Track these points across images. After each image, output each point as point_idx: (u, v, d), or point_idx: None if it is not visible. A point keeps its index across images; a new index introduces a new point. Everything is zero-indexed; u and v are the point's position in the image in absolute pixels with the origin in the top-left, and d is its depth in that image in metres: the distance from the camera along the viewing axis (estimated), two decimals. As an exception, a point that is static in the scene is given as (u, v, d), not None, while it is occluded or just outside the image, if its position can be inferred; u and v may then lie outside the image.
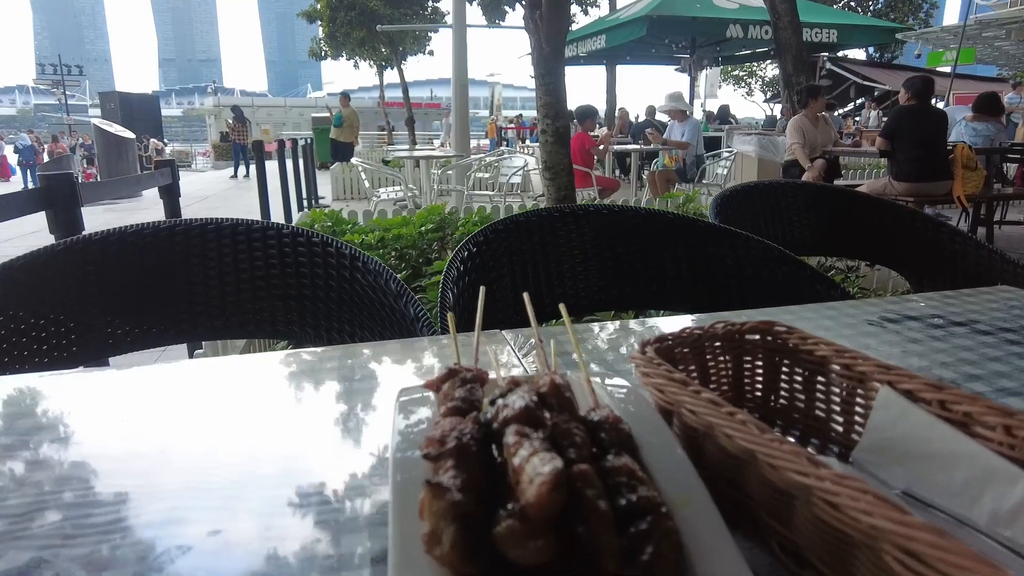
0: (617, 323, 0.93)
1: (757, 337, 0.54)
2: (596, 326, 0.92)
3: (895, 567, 0.29)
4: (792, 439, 0.53)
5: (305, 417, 0.64)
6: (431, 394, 0.49)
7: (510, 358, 0.77)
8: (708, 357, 0.55)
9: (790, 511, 0.37)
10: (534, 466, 0.32)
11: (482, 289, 0.56)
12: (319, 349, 0.84)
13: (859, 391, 0.48)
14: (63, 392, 0.70)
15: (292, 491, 0.50)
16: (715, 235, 1.43)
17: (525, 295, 0.56)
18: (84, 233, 1.15)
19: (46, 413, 0.65)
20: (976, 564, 0.26)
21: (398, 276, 1.22)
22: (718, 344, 0.55)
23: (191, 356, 2.23)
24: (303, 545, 0.44)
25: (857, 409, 0.48)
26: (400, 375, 0.75)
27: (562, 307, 0.54)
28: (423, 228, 4.03)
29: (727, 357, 0.55)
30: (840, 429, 0.50)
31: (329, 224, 4.17)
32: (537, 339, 0.51)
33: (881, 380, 0.46)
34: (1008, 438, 0.39)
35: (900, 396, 0.44)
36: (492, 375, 0.48)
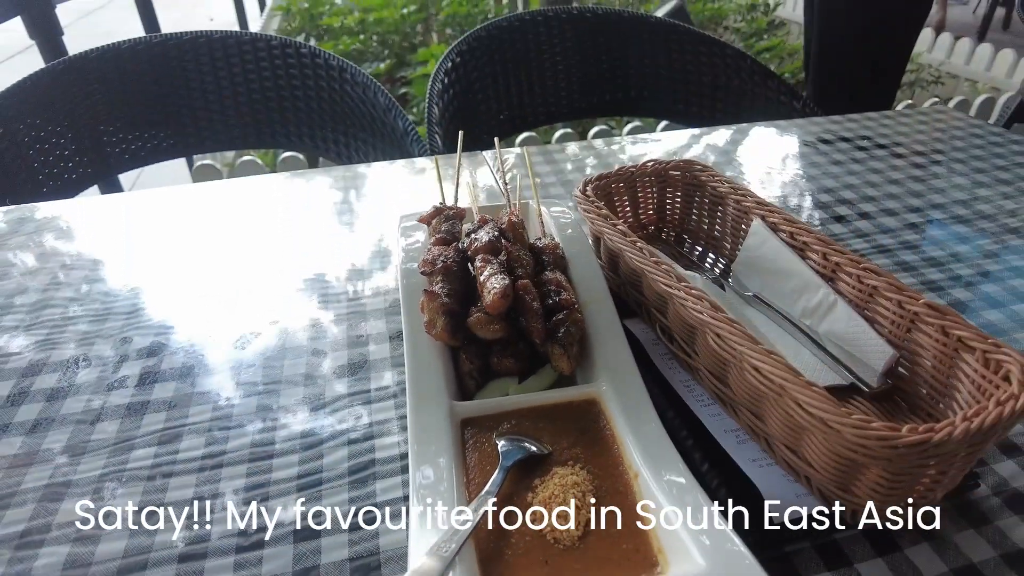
0: (583, 143, 1.05)
1: (678, 173, 0.69)
2: (569, 146, 1.05)
3: (713, 344, 0.48)
4: (698, 251, 0.71)
5: (314, 229, 0.80)
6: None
7: (487, 179, 0.91)
8: (639, 190, 0.69)
9: (666, 307, 0.55)
10: (492, 282, 0.49)
11: (460, 133, 0.68)
12: (318, 170, 0.97)
13: (743, 220, 0.64)
14: (78, 216, 0.86)
15: (318, 292, 0.69)
16: (692, 42, 1.47)
17: (496, 139, 0.69)
18: (82, 51, 1.19)
19: (66, 236, 0.81)
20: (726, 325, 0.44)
21: (383, 65, 1.29)
22: (647, 178, 0.69)
23: (190, 170, 2.30)
24: (337, 328, 0.63)
25: (741, 233, 0.65)
26: (398, 193, 0.90)
27: (526, 150, 0.68)
28: (405, 11, 3.80)
29: (654, 189, 0.70)
30: (729, 247, 0.67)
31: (306, 6, 3.92)
32: (503, 183, 0.65)
33: (757, 213, 0.61)
34: (824, 261, 0.56)
35: (766, 227, 0.60)
36: (469, 203, 0.63)
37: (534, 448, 0.45)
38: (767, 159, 0.98)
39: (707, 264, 0.69)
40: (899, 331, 0.50)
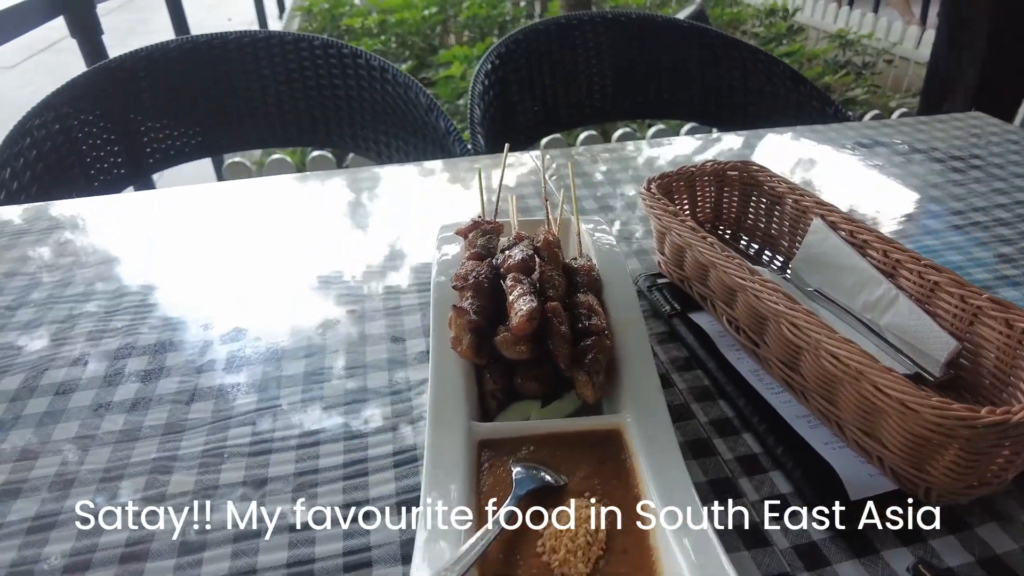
0: (628, 143, 1.08)
1: (736, 173, 0.71)
2: (613, 148, 1.07)
3: (788, 334, 0.50)
4: (754, 247, 0.73)
5: (359, 229, 0.83)
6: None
7: (526, 180, 0.93)
8: (698, 189, 0.72)
9: (734, 299, 0.58)
10: (520, 304, 0.49)
11: (507, 146, 0.71)
12: (379, 168, 1.00)
13: (802, 219, 0.66)
14: (115, 213, 0.89)
15: (387, 283, 0.71)
16: (724, 46, 1.49)
17: (542, 148, 0.71)
18: (132, 50, 1.23)
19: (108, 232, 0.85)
20: (798, 312, 0.47)
21: (405, 66, 1.32)
22: (706, 178, 0.72)
23: (218, 170, 2.33)
24: (411, 316, 0.66)
25: (799, 231, 0.67)
26: (441, 193, 0.93)
27: (570, 165, 0.70)
28: (426, 12, 3.83)
29: (712, 188, 0.72)
30: (786, 244, 0.69)
31: (326, 6, 3.97)
32: (543, 198, 0.67)
33: (816, 213, 0.64)
34: (883, 258, 0.58)
35: (826, 225, 0.62)
36: (511, 213, 0.65)
37: (548, 478, 0.44)
38: (804, 162, 1.01)
39: (763, 260, 0.71)
40: (961, 324, 0.53)
